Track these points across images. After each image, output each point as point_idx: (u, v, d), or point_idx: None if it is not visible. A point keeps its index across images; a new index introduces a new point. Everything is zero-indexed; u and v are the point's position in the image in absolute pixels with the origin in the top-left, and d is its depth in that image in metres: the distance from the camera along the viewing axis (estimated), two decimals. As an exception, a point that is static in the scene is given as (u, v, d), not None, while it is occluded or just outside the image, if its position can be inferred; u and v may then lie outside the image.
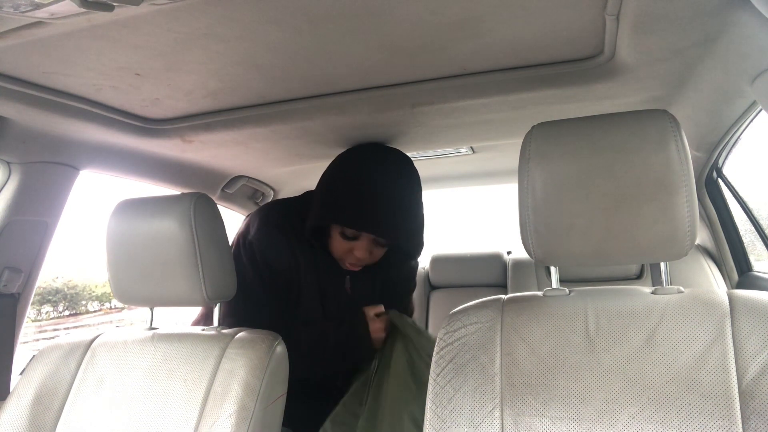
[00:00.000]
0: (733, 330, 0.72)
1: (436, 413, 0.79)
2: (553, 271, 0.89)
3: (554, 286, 0.88)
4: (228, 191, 1.91)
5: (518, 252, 2.21)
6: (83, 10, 0.66)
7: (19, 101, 1.05)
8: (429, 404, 0.80)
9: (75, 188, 1.40)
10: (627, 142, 0.76)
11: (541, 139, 0.81)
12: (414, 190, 1.28)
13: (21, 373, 1.07)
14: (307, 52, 0.94)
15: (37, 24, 0.77)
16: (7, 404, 1.00)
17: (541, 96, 1.13)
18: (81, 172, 1.39)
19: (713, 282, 1.79)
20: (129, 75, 1.02)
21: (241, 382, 0.90)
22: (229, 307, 1.18)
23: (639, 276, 1.90)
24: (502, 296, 0.89)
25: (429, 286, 2.37)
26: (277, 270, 1.26)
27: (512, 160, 0.97)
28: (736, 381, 0.69)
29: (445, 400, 0.79)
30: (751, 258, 1.71)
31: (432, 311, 2.28)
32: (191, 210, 0.97)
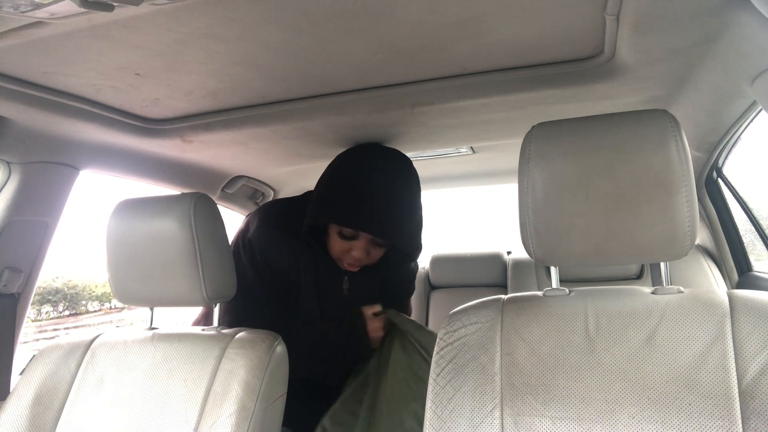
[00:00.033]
0: (733, 330, 0.72)
1: (436, 413, 0.79)
2: (553, 271, 0.89)
3: (554, 286, 0.88)
4: (228, 191, 1.91)
5: (518, 252, 2.21)
6: (83, 10, 0.66)
7: (19, 101, 1.05)
8: (429, 404, 0.80)
9: (75, 188, 1.40)
10: (627, 142, 0.76)
11: (541, 139, 0.81)
12: (413, 190, 1.28)
13: (21, 373, 1.07)
14: (307, 52, 0.94)
15: (37, 24, 0.77)
16: (7, 404, 1.00)
17: (541, 96, 1.13)
18: (81, 172, 1.39)
19: (713, 282, 1.79)
20: (129, 75, 1.02)
21: (241, 382, 0.90)
22: (228, 305, 1.18)
23: (639, 276, 1.89)
24: (502, 296, 0.89)
25: (429, 286, 2.37)
26: (276, 269, 1.26)
27: (512, 160, 0.97)
28: (736, 381, 0.69)
29: (445, 400, 0.79)
30: (751, 258, 1.71)
31: (432, 311, 2.28)
32: (191, 210, 0.97)
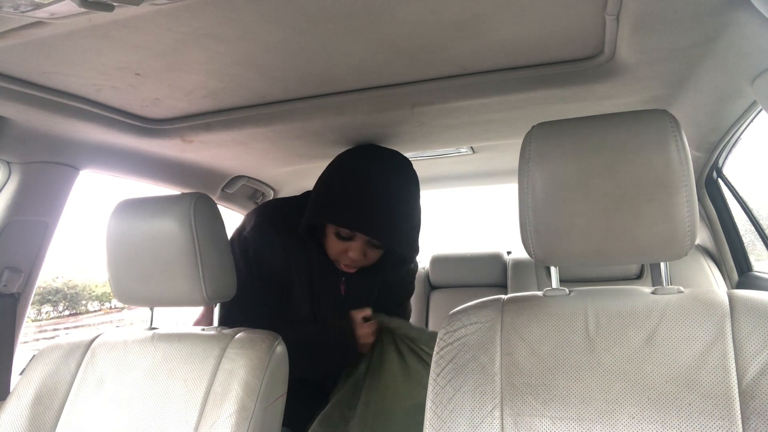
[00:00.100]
0: (733, 330, 0.72)
1: (436, 413, 0.79)
2: (553, 271, 0.89)
3: (554, 286, 0.88)
4: (228, 191, 1.91)
5: (518, 252, 2.21)
6: (83, 10, 0.66)
7: (19, 101, 1.05)
8: (429, 404, 0.80)
9: (75, 188, 1.40)
10: (627, 142, 0.76)
11: (541, 139, 0.81)
12: (411, 191, 1.26)
13: (21, 373, 1.07)
14: (308, 51, 0.94)
15: (37, 24, 0.77)
16: (7, 404, 1.00)
17: (541, 96, 1.13)
18: (81, 172, 1.39)
19: (713, 282, 1.79)
20: (129, 75, 1.02)
21: (241, 382, 0.90)
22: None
23: (639, 276, 1.89)
24: (502, 296, 0.89)
25: (429, 286, 2.37)
26: (269, 268, 1.26)
27: (512, 160, 0.97)
28: (736, 381, 0.69)
29: (445, 400, 0.79)
30: (751, 258, 1.71)
31: (432, 311, 2.28)
32: (191, 210, 0.97)
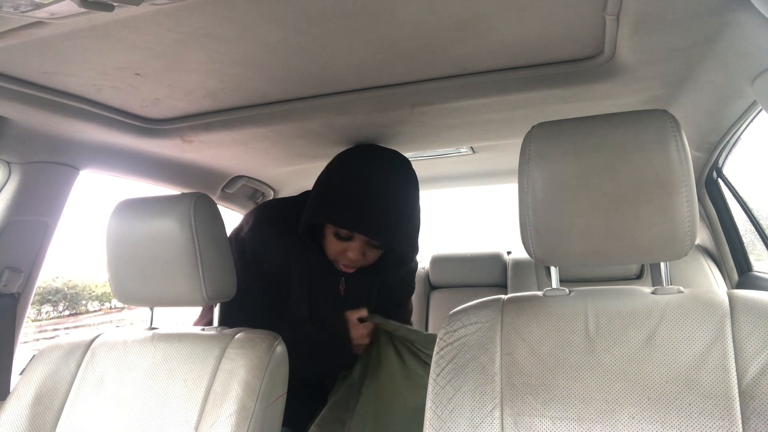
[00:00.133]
0: (733, 330, 0.72)
1: (436, 413, 0.79)
2: (553, 271, 0.89)
3: (554, 286, 0.88)
4: (228, 191, 1.91)
5: (518, 252, 2.21)
6: (83, 10, 0.66)
7: (19, 101, 1.05)
8: (429, 404, 0.80)
9: (75, 188, 1.40)
10: (627, 142, 0.76)
11: (541, 139, 0.81)
12: (410, 191, 1.26)
13: (21, 373, 1.07)
14: (307, 51, 0.94)
15: (37, 24, 0.77)
16: (7, 404, 1.00)
17: (541, 96, 1.13)
18: (81, 172, 1.39)
19: (713, 282, 1.79)
20: (129, 75, 1.02)
21: (241, 382, 0.90)
22: None
23: (639, 276, 1.89)
24: (502, 296, 0.89)
25: (429, 286, 2.37)
26: (267, 268, 1.26)
27: (512, 160, 0.97)
28: (736, 381, 0.69)
29: (445, 400, 0.79)
30: (751, 258, 1.71)
31: (432, 311, 2.28)
32: (191, 210, 0.97)
